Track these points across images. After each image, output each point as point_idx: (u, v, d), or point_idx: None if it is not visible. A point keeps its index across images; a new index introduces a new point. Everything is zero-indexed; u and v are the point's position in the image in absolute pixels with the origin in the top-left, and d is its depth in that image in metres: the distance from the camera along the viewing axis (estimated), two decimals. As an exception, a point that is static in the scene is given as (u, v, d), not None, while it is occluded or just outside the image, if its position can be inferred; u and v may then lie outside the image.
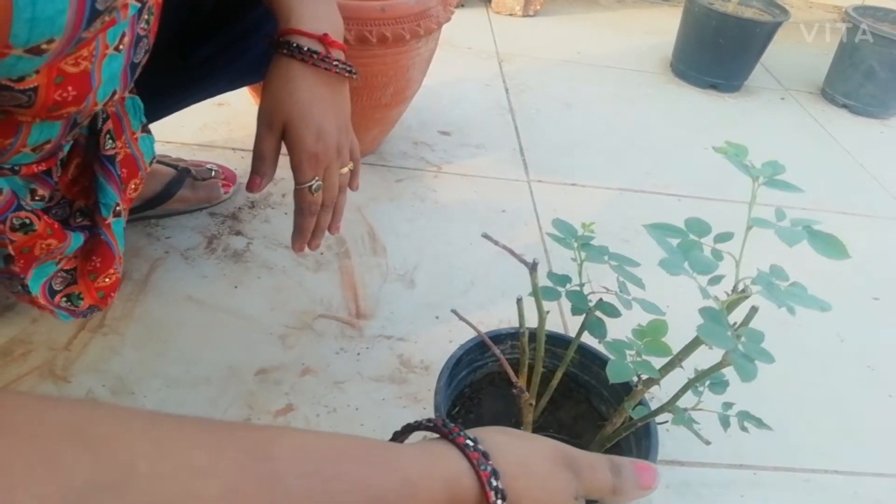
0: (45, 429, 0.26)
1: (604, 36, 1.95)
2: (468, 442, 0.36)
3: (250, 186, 0.67)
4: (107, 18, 0.44)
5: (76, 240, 0.61)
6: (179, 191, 0.95)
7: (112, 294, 0.67)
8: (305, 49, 0.62)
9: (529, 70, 1.66)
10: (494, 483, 0.35)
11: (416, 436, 0.41)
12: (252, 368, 0.78)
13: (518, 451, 0.39)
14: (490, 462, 0.36)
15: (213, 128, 1.19)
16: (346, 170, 0.70)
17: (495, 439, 0.38)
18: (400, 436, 0.42)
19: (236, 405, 0.74)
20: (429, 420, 0.39)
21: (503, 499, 0.35)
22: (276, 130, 0.65)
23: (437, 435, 0.39)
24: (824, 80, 1.83)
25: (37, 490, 0.24)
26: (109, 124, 0.63)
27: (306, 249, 0.71)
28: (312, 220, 0.69)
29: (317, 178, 0.66)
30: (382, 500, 0.32)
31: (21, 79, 0.44)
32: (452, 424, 0.38)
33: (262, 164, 0.66)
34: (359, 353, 0.82)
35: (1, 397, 0.26)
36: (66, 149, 0.61)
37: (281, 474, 0.30)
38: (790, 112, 1.72)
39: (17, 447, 0.24)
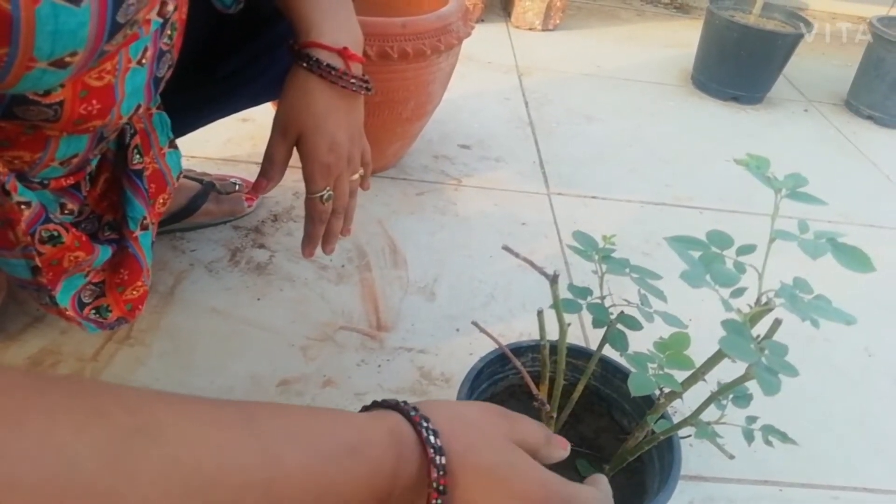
0: (83, 387, 0.30)
1: (623, 49, 1.95)
2: (401, 404, 0.42)
3: (256, 187, 0.69)
4: (128, 32, 0.45)
5: (104, 252, 0.63)
6: (204, 204, 0.96)
7: (140, 306, 0.68)
8: (325, 64, 0.63)
9: (549, 83, 1.66)
10: (425, 424, 0.40)
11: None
12: (274, 379, 0.79)
13: (451, 405, 0.45)
14: (421, 412, 0.41)
15: (237, 143, 1.21)
16: (356, 176, 0.71)
17: (429, 401, 0.44)
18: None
19: (258, 416, 0.74)
20: (373, 402, 0.45)
21: (435, 435, 0.40)
22: (289, 139, 0.66)
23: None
24: (848, 91, 1.81)
25: (93, 432, 0.28)
26: (137, 139, 0.64)
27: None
28: (322, 227, 0.71)
29: (328, 188, 0.67)
30: (348, 446, 0.37)
31: (47, 93, 0.45)
32: (385, 399, 0.44)
33: (271, 169, 0.68)
34: (380, 365, 0.83)
35: (24, 373, 0.30)
36: (94, 163, 0.63)
37: (266, 434, 0.35)
38: (814, 124, 1.70)
39: (66, 402, 0.28)
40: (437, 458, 0.39)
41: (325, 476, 0.36)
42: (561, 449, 0.47)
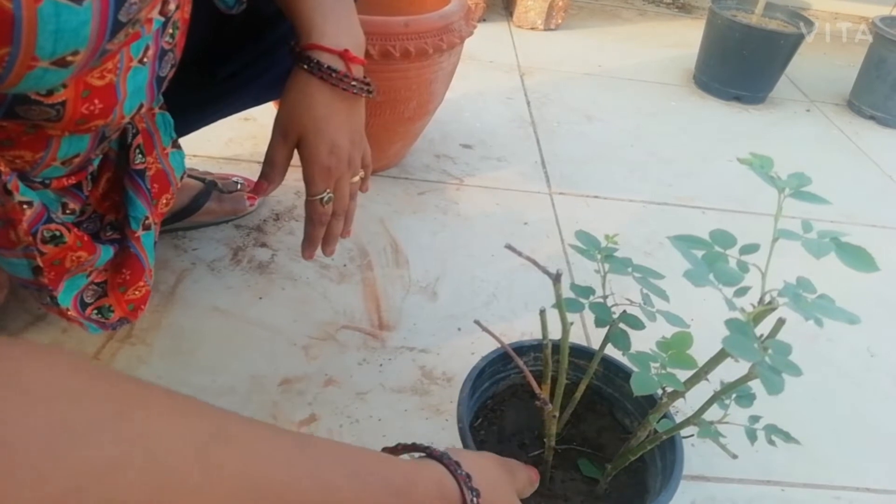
0: (167, 388, 0.32)
1: (625, 49, 1.95)
2: (445, 457, 0.45)
3: (257, 189, 0.69)
4: (130, 30, 0.45)
5: (106, 252, 0.62)
6: (206, 203, 0.96)
7: (142, 306, 0.68)
8: (326, 67, 0.63)
9: (551, 83, 1.66)
10: (470, 483, 0.44)
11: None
12: (276, 379, 0.79)
13: (477, 459, 0.49)
14: (463, 468, 0.45)
15: (239, 142, 1.21)
16: (356, 178, 0.71)
17: (456, 451, 0.47)
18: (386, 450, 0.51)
19: (260, 415, 0.74)
20: (405, 444, 0.49)
21: (477, 495, 0.44)
22: (290, 141, 0.66)
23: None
24: (851, 91, 1.81)
25: (182, 431, 0.30)
26: (139, 139, 0.64)
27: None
28: (322, 229, 0.70)
29: (328, 190, 0.67)
30: (395, 487, 0.39)
31: (50, 93, 0.45)
32: (422, 444, 0.48)
33: (272, 171, 0.68)
34: (381, 365, 0.83)
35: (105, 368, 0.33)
36: (96, 163, 0.63)
37: (320, 462, 0.37)
38: (816, 124, 1.70)
39: (161, 398, 0.30)
40: None
41: None
42: (535, 484, 0.54)
